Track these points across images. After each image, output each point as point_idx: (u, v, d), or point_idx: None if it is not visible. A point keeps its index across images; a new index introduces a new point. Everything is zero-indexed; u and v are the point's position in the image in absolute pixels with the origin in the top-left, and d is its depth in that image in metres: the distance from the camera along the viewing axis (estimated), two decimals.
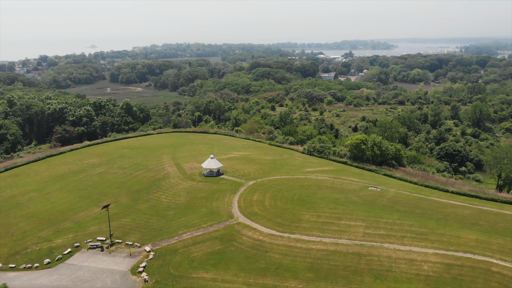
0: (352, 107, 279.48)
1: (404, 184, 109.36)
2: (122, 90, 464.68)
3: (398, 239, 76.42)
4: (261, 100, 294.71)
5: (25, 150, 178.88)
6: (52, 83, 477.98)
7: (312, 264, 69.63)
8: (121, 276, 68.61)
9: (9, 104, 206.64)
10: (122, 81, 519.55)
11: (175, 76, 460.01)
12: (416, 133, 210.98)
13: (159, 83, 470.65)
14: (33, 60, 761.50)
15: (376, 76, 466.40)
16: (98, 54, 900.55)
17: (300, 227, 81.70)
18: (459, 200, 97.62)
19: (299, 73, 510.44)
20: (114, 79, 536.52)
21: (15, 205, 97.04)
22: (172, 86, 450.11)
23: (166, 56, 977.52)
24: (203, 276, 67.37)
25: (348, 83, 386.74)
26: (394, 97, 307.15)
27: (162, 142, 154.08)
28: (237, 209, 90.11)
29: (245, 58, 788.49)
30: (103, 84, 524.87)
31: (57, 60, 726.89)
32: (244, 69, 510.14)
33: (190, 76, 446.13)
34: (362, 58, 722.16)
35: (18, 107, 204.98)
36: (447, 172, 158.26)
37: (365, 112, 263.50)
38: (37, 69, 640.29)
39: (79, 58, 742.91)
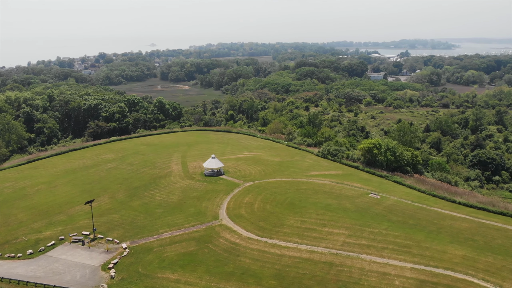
0: (391, 109, 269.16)
1: (410, 192, 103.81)
2: (170, 88, 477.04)
3: (377, 250, 72.66)
4: (297, 100, 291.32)
5: (60, 144, 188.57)
6: (104, 79, 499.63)
7: (280, 271, 67.76)
8: (91, 271, 70.31)
9: (49, 99, 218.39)
10: (171, 79, 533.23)
11: (220, 75, 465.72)
12: (452, 138, 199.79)
13: (205, 82, 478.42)
14: (92, 57, 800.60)
15: (427, 77, 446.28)
16: (154, 53, 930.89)
17: (280, 232, 79.84)
18: (463, 212, 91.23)
19: (346, 72, 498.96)
20: (164, 77, 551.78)
21: (22, 196, 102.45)
22: (217, 84, 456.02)
23: (219, 55, 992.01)
24: (168, 276, 67.55)
25: (393, 84, 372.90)
26: (439, 99, 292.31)
27: (181, 140, 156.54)
28: (224, 211, 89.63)
29: (294, 57, 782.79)
30: (153, 81, 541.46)
31: (115, 58, 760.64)
32: (290, 68, 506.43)
33: (234, 75, 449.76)
34: (416, 58, 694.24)
35: (57, 102, 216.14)
36: (477, 181, 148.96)
37: (404, 114, 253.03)
38: (94, 66, 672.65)
39: (134, 56, 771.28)
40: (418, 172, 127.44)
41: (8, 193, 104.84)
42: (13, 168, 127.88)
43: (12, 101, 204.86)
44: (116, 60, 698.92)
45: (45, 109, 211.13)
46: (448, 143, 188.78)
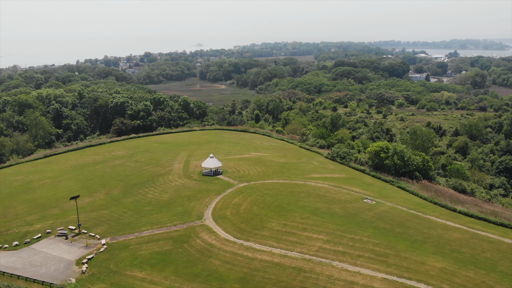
0: (424, 111, 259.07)
1: (410, 199, 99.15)
2: (207, 87, 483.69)
3: (352, 258, 69.84)
4: (326, 100, 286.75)
5: (86, 140, 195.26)
6: (145, 78, 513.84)
7: (246, 275, 66.59)
8: (66, 265, 72.04)
9: (79, 96, 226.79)
10: (209, 78, 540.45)
11: (256, 74, 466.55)
12: (482, 143, 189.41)
13: (240, 81, 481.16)
14: (137, 56, 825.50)
15: (471, 78, 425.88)
16: (197, 53, 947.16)
17: (258, 235, 78.53)
18: (460, 221, 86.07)
19: (386, 73, 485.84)
20: (203, 76, 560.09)
21: (27, 190, 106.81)
22: (252, 84, 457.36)
23: (261, 55, 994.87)
24: (135, 274, 68.03)
25: (431, 85, 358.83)
26: (477, 102, 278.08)
27: (194, 139, 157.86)
28: (210, 211, 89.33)
29: (336, 57, 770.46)
30: (192, 81, 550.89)
31: (159, 57, 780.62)
32: (327, 67, 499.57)
33: (269, 75, 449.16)
34: (462, 58, 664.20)
35: (86, 99, 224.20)
36: (502, 189, 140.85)
37: (436, 117, 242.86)
38: (138, 65, 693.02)
39: (177, 56, 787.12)
40: (429, 177, 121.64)
41: (15, 186, 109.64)
42: (29, 162, 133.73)
43: (43, 98, 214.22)
44: (159, 60, 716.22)
45: (74, 106, 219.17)
46: (476, 148, 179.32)
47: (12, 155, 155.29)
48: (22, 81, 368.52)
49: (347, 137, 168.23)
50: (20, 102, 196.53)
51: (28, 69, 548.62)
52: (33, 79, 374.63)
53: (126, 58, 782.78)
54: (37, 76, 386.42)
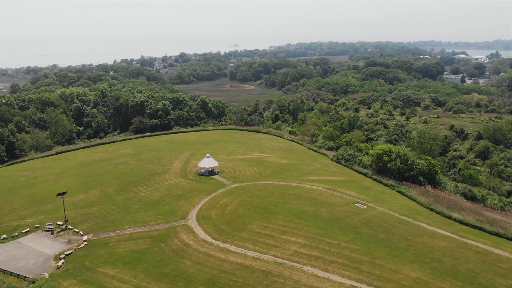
0: (450, 114, 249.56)
1: (406, 204, 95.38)
2: (236, 87, 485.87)
3: (325, 264, 67.80)
4: (350, 101, 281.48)
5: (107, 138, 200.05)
6: (176, 78, 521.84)
7: (214, 277, 65.90)
8: (44, 260, 73.67)
9: (102, 95, 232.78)
10: (239, 78, 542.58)
11: (284, 75, 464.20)
12: (506, 148, 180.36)
13: (269, 82, 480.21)
14: (172, 57, 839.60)
15: (508, 80, 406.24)
16: (231, 53, 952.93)
17: (237, 237, 77.66)
18: (452, 229, 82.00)
19: (420, 73, 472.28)
20: (233, 76, 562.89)
21: (29, 185, 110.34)
22: (280, 84, 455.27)
23: (295, 55, 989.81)
24: (107, 272, 68.68)
25: (463, 87, 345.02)
26: (509, 104, 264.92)
27: (203, 139, 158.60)
28: (196, 211, 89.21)
29: (371, 57, 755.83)
30: (222, 81, 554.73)
31: (194, 58, 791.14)
32: (358, 68, 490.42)
33: (297, 75, 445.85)
34: (502, 59, 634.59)
35: (108, 98, 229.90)
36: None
37: (462, 120, 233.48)
38: (172, 65, 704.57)
39: (210, 56, 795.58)
40: (435, 182, 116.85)
41: (20, 181, 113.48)
42: (41, 159, 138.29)
43: (67, 96, 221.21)
44: (193, 60, 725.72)
45: (96, 104, 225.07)
46: (498, 153, 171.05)
47: (31, 151, 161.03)
48: (56, 79, 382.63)
49: (360, 139, 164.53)
50: (43, 100, 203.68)
51: (65, 68, 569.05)
52: (66, 78, 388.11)
53: (161, 59, 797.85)
54: (70, 75, 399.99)
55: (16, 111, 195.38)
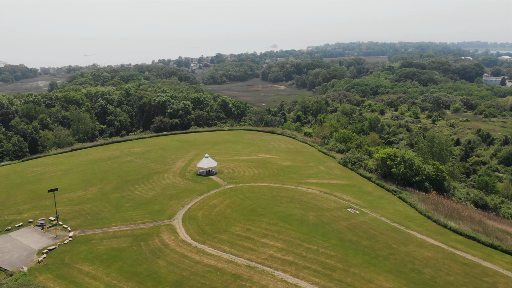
0: (481, 117, 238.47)
1: (402, 211, 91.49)
2: (267, 88, 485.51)
3: (297, 269, 65.95)
4: (377, 103, 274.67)
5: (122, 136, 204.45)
6: (209, 78, 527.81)
7: (183, 278, 65.51)
8: (28, 254, 75.64)
9: (126, 94, 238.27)
10: (270, 79, 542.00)
11: (315, 75, 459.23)
12: None
13: (299, 82, 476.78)
14: (209, 57, 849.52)
15: None
16: (267, 53, 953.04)
17: (216, 239, 76.98)
18: (444, 239, 77.89)
19: (457, 75, 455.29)
20: (265, 77, 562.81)
21: (36, 180, 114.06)
22: (310, 85, 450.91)
23: (332, 55, 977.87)
24: (83, 268, 69.63)
25: (500, 90, 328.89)
26: None
27: (214, 139, 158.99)
28: (184, 211, 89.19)
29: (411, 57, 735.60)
30: (254, 81, 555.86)
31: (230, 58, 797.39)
32: (393, 68, 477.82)
33: (328, 76, 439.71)
34: None
35: (132, 97, 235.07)
36: None
37: (493, 124, 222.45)
38: (207, 66, 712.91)
39: (244, 57, 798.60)
40: (444, 189, 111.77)
41: (28, 177, 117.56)
42: (55, 155, 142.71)
43: (92, 95, 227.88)
44: (228, 61, 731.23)
45: (120, 103, 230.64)
46: None
47: (52, 148, 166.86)
48: (90, 79, 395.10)
49: (376, 141, 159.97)
50: (68, 98, 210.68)
51: (104, 67, 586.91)
52: (100, 77, 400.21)
53: (197, 59, 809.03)
54: (104, 74, 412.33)
55: (42, 108, 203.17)
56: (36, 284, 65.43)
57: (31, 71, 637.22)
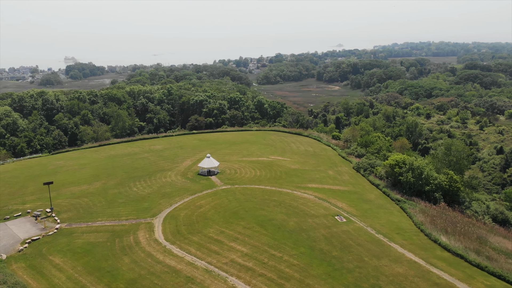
0: None
1: (395, 222, 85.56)
2: (320, 88, 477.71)
3: (252, 277, 63.95)
4: (426, 106, 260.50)
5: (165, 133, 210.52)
6: (263, 79, 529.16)
7: (139, 277, 65.88)
8: (14, 242, 79.88)
9: (168, 93, 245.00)
10: (325, 79, 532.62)
11: (370, 76, 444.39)
12: None
13: (354, 83, 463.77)
14: (269, 57, 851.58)
15: None
16: (328, 53, 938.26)
17: (187, 240, 76.73)
18: (427, 255, 71.80)
19: None
20: (320, 77, 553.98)
21: (52, 173, 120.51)
22: (365, 85, 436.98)
23: (398, 55, 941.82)
24: (54, 260, 72.28)
25: None
26: None
27: (235, 139, 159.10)
28: (170, 210, 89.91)
29: (482, 58, 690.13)
30: (308, 81, 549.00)
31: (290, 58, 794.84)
32: (456, 70, 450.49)
33: (384, 76, 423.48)
34: None
35: (173, 96, 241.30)
36: None
37: None
38: (265, 66, 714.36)
39: (302, 56, 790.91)
40: (456, 201, 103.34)
41: (47, 169, 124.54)
42: (82, 150, 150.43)
43: (135, 93, 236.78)
44: (286, 61, 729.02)
45: (161, 101, 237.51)
46: None
47: (89, 143, 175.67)
48: (147, 78, 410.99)
49: (405, 147, 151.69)
50: (110, 96, 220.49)
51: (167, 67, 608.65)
52: (156, 76, 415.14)
53: (256, 59, 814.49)
54: (160, 73, 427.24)
55: (86, 105, 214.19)
56: (6, 272, 68.81)
57: (98, 69, 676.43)
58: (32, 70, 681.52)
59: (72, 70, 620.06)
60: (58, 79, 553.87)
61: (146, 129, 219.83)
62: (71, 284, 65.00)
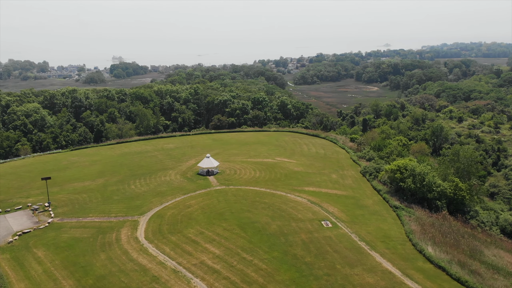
0: None
1: (385, 230, 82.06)
2: (357, 89, 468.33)
3: (216, 279, 63.39)
4: (460, 109, 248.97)
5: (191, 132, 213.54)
6: (299, 79, 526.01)
7: (109, 274, 66.89)
8: (6, 234, 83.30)
9: (195, 93, 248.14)
10: (364, 80, 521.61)
11: (409, 77, 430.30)
12: None
13: (393, 84, 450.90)
14: (310, 57, 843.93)
15: None
16: (371, 53, 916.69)
17: (166, 239, 77.17)
18: (406, 265, 68.33)
19: None
20: (359, 77, 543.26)
21: (63, 168, 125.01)
22: (404, 87, 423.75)
23: (446, 55, 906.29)
24: (37, 253, 74.83)
25: None
26: None
27: (248, 139, 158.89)
28: (158, 208, 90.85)
29: None
30: (347, 82, 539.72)
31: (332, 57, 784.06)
32: (502, 72, 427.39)
33: (423, 77, 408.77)
34: None
35: (199, 96, 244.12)
36: None
37: None
38: (304, 66, 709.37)
39: (343, 56, 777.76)
40: (462, 211, 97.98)
41: (60, 165, 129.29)
42: (99, 147, 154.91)
43: (162, 92, 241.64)
44: (326, 60, 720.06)
45: (187, 101, 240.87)
46: None
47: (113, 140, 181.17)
48: (183, 78, 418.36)
49: (424, 152, 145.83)
50: (137, 95, 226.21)
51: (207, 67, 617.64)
52: (192, 76, 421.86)
53: (297, 59, 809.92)
54: (196, 73, 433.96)
55: (113, 103, 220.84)
56: None
57: (141, 68, 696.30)
58: (79, 69, 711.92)
59: (116, 69, 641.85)
60: (101, 77, 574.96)
61: (171, 127, 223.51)
62: (44, 277, 67.02)
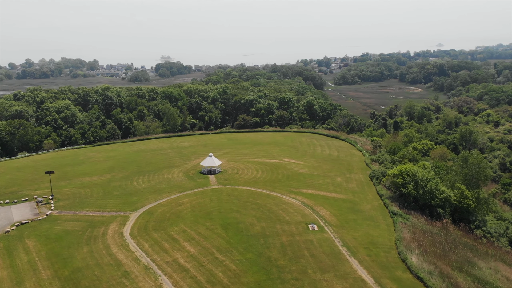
0: None
1: (374, 236, 78.91)
2: (399, 90, 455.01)
3: (183, 278, 63.40)
4: (499, 113, 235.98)
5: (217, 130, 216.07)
6: (340, 79, 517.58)
7: (84, 267, 68.55)
8: (6, 224, 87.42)
9: (223, 92, 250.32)
10: (407, 80, 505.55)
11: (453, 78, 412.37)
12: None
13: (437, 85, 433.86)
14: (355, 56, 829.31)
15: None
16: (420, 53, 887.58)
17: (148, 236, 78.15)
18: (383, 274, 65.31)
19: None
20: (403, 78, 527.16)
21: (79, 163, 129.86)
22: (447, 88, 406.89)
23: (500, 57, 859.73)
24: (27, 243, 77.97)
25: None
26: None
27: (263, 139, 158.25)
28: (151, 205, 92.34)
29: None
30: (389, 82, 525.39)
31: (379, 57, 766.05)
32: None
33: (468, 79, 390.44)
34: None
35: (227, 95, 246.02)
36: None
37: None
38: (347, 65, 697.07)
39: (389, 56, 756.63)
40: (466, 218, 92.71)
41: (78, 160, 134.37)
42: (118, 143, 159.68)
43: (192, 91, 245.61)
44: (370, 60, 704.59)
45: (215, 100, 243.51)
46: None
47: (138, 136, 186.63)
48: (221, 77, 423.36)
49: (444, 157, 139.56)
50: (166, 93, 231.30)
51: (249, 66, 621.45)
52: (229, 76, 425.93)
53: (340, 59, 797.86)
54: (233, 73, 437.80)
55: (143, 101, 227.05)
56: None
57: (185, 68, 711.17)
58: (127, 67, 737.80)
59: (161, 69, 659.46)
60: (146, 76, 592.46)
61: (197, 126, 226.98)
62: (27, 267, 69.81)
